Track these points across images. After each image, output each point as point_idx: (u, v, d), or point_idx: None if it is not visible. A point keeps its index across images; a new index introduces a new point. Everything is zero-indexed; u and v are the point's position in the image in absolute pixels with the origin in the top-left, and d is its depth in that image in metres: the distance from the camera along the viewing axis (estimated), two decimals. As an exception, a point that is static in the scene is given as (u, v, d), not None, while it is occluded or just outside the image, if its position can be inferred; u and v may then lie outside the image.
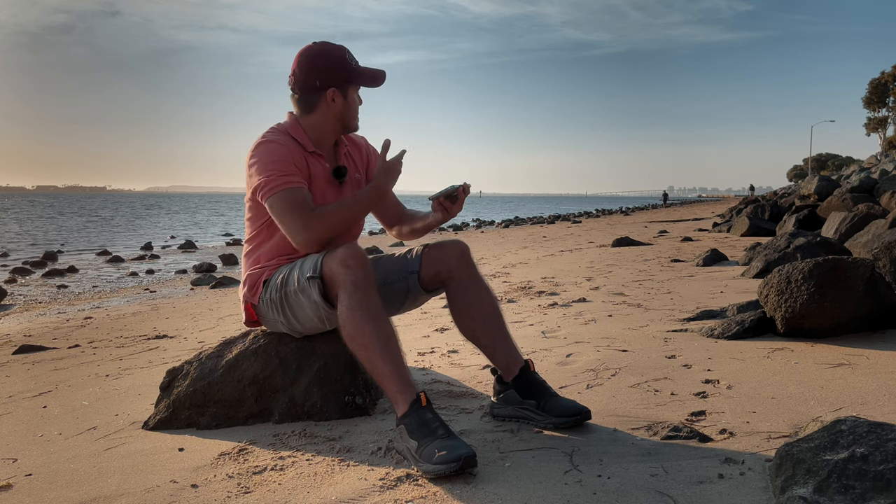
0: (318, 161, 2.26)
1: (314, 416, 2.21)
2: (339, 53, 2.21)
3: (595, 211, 47.65)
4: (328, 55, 2.20)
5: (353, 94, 2.25)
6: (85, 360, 3.95)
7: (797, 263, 2.93)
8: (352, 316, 1.89)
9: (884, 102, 59.24)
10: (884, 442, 1.35)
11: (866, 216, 6.90)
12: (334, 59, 2.19)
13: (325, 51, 2.20)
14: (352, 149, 2.41)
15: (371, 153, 2.49)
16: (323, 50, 2.20)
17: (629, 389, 2.35)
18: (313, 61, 2.19)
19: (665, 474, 1.60)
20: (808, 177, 15.02)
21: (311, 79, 2.19)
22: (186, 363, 2.40)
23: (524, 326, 3.74)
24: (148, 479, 1.82)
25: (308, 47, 2.22)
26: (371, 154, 2.48)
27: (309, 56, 2.20)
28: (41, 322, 6.43)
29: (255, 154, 2.16)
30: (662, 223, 18.42)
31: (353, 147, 2.43)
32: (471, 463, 1.64)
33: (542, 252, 9.75)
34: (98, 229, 27.79)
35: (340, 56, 2.20)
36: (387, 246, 13.25)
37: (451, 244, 2.20)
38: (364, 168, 2.44)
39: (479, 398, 2.37)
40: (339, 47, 2.23)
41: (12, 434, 2.39)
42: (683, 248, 8.67)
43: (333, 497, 1.60)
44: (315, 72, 2.19)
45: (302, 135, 2.23)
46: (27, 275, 11.52)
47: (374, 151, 2.49)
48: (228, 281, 9.15)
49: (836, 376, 2.33)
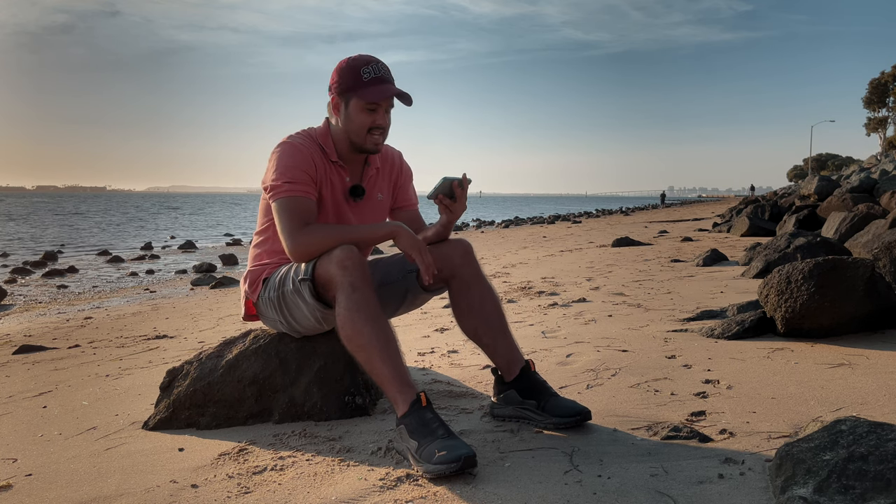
0: (339, 172, 2.22)
1: (314, 416, 2.21)
2: (359, 63, 2.11)
3: (595, 211, 47.65)
4: (350, 63, 2.12)
5: (357, 106, 2.11)
6: (85, 360, 3.95)
7: (797, 263, 2.93)
8: (350, 317, 1.89)
9: (884, 102, 59.25)
10: (884, 442, 1.35)
11: (866, 216, 6.90)
12: (350, 67, 2.11)
13: (353, 59, 2.12)
14: (383, 165, 2.35)
15: (403, 170, 2.42)
16: (353, 59, 2.13)
17: (629, 389, 2.35)
18: (339, 67, 2.14)
19: (665, 474, 1.60)
20: (808, 177, 15.02)
21: (331, 84, 2.16)
22: (186, 363, 2.40)
23: (524, 326, 3.74)
24: (148, 479, 1.82)
25: (352, 56, 2.16)
26: (402, 171, 2.41)
27: (341, 62, 2.14)
28: (41, 322, 6.43)
29: (276, 152, 2.15)
30: (662, 223, 18.42)
31: (386, 164, 2.36)
32: (471, 463, 1.64)
33: (543, 252, 9.75)
34: (98, 229, 27.79)
35: (358, 66, 2.10)
36: (387, 246, 13.25)
37: (454, 242, 2.19)
38: (391, 186, 2.38)
39: (479, 398, 2.37)
40: (368, 59, 2.12)
41: (12, 434, 2.39)
42: (683, 248, 8.67)
43: (333, 497, 1.60)
44: (335, 77, 2.14)
45: (329, 143, 2.21)
46: (27, 275, 11.52)
47: (406, 169, 2.43)
48: (228, 281, 9.15)
49: (836, 376, 2.33)
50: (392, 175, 2.39)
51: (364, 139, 2.16)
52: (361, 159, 2.28)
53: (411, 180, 2.48)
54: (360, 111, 2.12)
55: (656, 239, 10.96)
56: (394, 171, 2.40)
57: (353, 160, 2.26)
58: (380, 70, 2.10)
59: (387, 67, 2.13)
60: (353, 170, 2.27)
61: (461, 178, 2.05)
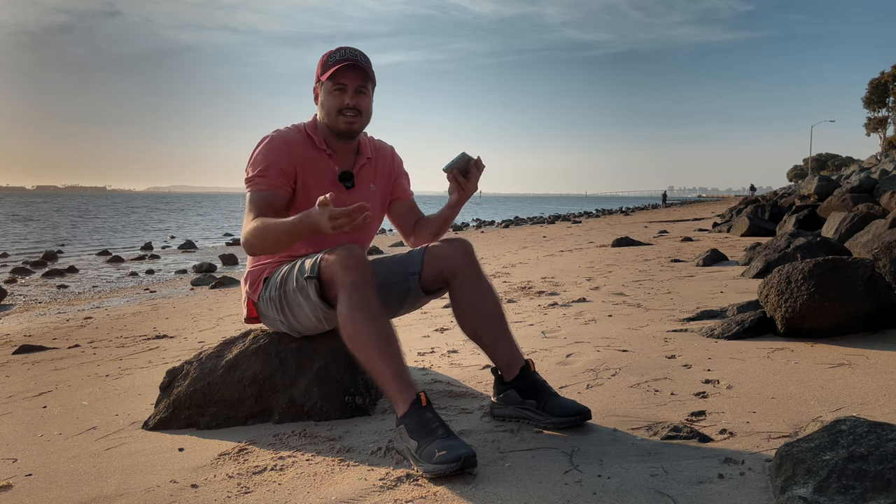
0: (326, 161, 2.27)
1: (314, 416, 2.21)
2: (330, 52, 2.21)
3: (595, 211, 47.65)
4: (325, 54, 2.23)
5: (326, 90, 2.19)
6: (85, 360, 3.95)
7: (797, 263, 2.93)
8: (352, 316, 1.89)
9: (884, 102, 59.26)
10: (884, 442, 1.35)
11: (866, 216, 6.90)
12: (323, 57, 2.22)
13: (328, 51, 2.23)
14: (376, 157, 2.40)
15: (396, 163, 2.48)
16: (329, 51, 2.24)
17: (629, 389, 2.35)
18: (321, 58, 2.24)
19: (665, 474, 1.60)
20: (808, 177, 15.03)
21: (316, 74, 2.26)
22: (186, 363, 2.40)
23: (524, 326, 3.74)
24: (148, 479, 1.82)
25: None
26: (396, 164, 2.48)
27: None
28: (41, 322, 6.43)
29: (257, 147, 2.24)
30: (662, 223, 18.42)
31: (378, 156, 2.42)
32: (471, 463, 1.64)
33: (542, 252, 9.75)
34: (98, 229, 27.78)
35: (327, 54, 2.22)
36: (387, 246, 13.25)
37: (455, 242, 2.20)
38: (386, 178, 2.43)
39: (479, 398, 2.37)
40: (340, 48, 2.23)
41: (12, 434, 2.39)
42: (683, 248, 8.67)
43: (333, 497, 1.60)
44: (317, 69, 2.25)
45: (316, 132, 2.28)
46: (27, 275, 11.52)
47: (399, 161, 2.50)
48: (228, 281, 9.15)
49: (836, 376, 2.33)
50: (386, 168, 2.44)
51: (336, 120, 2.22)
52: (351, 149, 2.33)
53: (405, 172, 2.53)
54: (328, 94, 2.21)
55: (656, 239, 10.97)
56: (388, 165, 2.45)
57: (342, 149, 2.31)
58: (346, 54, 2.19)
59: (358, 52, 2.22)
60: (342, 159, 2.32)
61: (478, 158, 2.11)
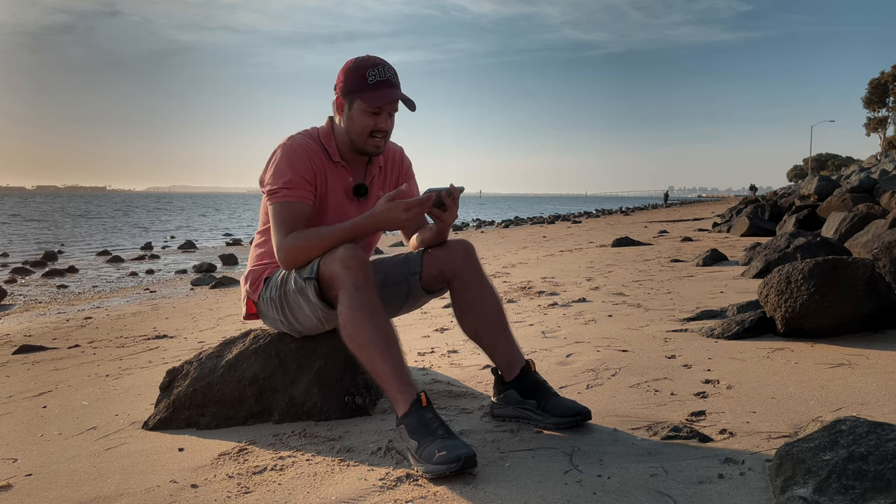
0: (341, 172, 2.22)
1: (314, 416, 2.21)
2: (365, 65, 2.09)
3: (595, 211, 47.64)
4: (356, 63, 2.11)
5: (360, 109, 2.10)
6: (85, 360, 3.95)
7: (797, 263, 2.93)
8: (352, 316, 1.89)
9: (884, 102, 59.27)
10: (884, 442, 1.35)
11: (866, 216, 6.90)
12: (356, 68, 2.10)
13: (360, 60, 2.11)
14: (386, 164, 2.34)
15: (405, 166, 2.40)
16: (360, 59, 2.12)
17: (629, 389, 2.35)
18: (346, 67, 2.12)
19: (665, 474, 1.60)
20: (808, 177, 15.03)
21: (337, 83, 2.15)
22: (186, 363, 2.40)
23: (524, 326, 3.74)
24: (148, 479, 1.82)
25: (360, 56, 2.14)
26: (405, 167, 2.40)
27: (348, 62, 2.13)
28: (41, 322, 6.43)
29: (277, 154, 2.16)
30: (662, 223, 18.42)
31: (388, 162, 2.35)
32: (471, 463, 1.64)
33: (542, 252, 9.75)
34: (98, 229, 27.78)
35: (364, 67, 2.09)
36: (387, 246, 13.25)
37: (456, 243, 2.20)
38: (394, 183, 2.37)
39: (479, 398, 2.37)
40: (375, 61, 2.10)
41: (12, 434, 2.39)
42: (683, 248, 8.67)
43: (333, 497, 1.60)
44: (341, 77, 2.13)
45: (331, 143, 2.21)
46: (27, 275, 11.52)
47: (408, 164, 2.42)
48: (228, 281, 9.15)
49: (836, 376, 2.33)
50: (395, 172, 2.39)
51: (365, 142, 2.15)
52: (364, 159, 2.27)
53: (413, 174, 2.48)
54: (362, 113, 2.11)
55: (656, 239, 10.97)
56: (396, 169, 2.39)
57: (356, 160, 2.26)
58: (385, 73, 2.09)
59: (394, 71, 2.12)
60: (356, 169, 2.27)
61: (449, 187, 2.00)
